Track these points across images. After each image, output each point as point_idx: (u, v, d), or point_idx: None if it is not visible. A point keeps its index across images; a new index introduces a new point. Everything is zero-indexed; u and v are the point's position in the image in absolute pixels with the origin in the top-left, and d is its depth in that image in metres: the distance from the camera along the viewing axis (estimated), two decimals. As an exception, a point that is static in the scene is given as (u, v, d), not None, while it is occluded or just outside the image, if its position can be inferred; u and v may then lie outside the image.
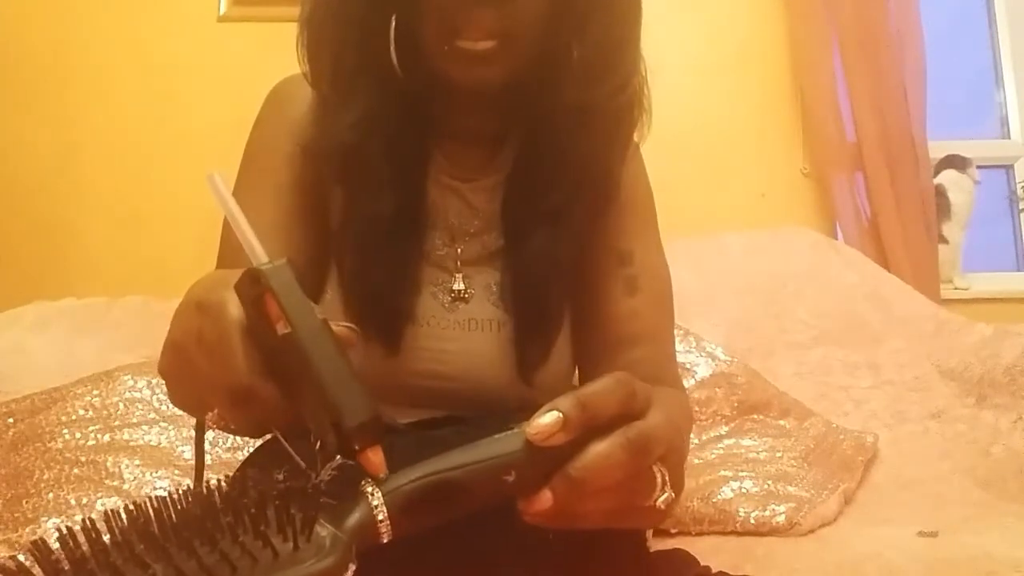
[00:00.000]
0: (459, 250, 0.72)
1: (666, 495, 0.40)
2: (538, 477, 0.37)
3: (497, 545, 0.51)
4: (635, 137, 0.74)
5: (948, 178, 2.00)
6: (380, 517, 0.35)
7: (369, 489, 0.36)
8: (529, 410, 0.39)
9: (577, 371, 0.78)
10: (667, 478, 0.40)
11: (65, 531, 0.31)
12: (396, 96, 0.67)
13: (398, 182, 0.68)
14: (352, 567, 0.34)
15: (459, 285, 0.71)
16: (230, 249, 0.72)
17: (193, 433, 0.61)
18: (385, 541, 0.36)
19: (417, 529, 0.36)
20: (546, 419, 0.37)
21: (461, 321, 0.70)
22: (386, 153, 0.67)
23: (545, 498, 0.37)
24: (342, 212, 0.70)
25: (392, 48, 0.66)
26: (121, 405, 1.14)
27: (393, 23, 0.66)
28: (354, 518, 0.35)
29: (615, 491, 0.38)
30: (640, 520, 0.42)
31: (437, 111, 0.71)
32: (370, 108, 0.66)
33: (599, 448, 0.37)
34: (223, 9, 2.03)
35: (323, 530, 0.34)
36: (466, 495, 0.37)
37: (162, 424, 1.11)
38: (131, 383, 1.16)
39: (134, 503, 0.33)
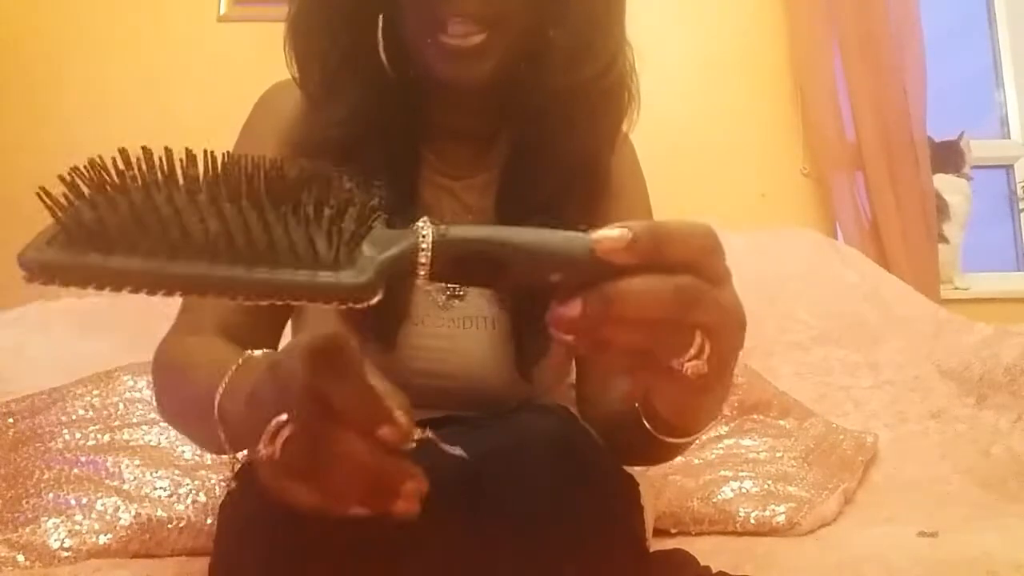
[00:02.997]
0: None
1: (696, 363, 0.37)
2: (582, 286, 0.36)
3: (496, 546, 0.51)
4: (624, 126, 0.74)
5: (941, 183, 2.00)
6: (422, 258, 0.35)
7: (421, 225, 0.35)
8: (528, 406, 0.38)
9: (574, 364, 0.78)
10: (706, 348, 0.37)
11: (118, 153, 0.33)
12: (384, 95, 0.67)
13: (389, 181, 0.68)
14: (380, 294, 0.34)
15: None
16: None
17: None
18: (420, 277, 0.35)
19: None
20: (613, 232, 0.35)
21: (456, 319, 0.70)
22: (376, 152, 0.67)
23: (574, 305, 0.35)
24: None
25: (381, 48, 0.66)
26: (121, 405, 1.13)
27: (380, 21, 0.66)
28: (397, 248, 0.35)
29: (646, 331, 0.36)
30: (662, 384, 0.39)
31: (427, 109, 0.71)
32: (358, 106, 0.67)
33: (647, 279, 0.35)
34: (223, 9, 2.03)
35: (367, 250, 0.34)
36: (509, 271, 0.36)
37: (162, 424, 1.11)
38: (131, 383, 1.16)
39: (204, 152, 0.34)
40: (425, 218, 0.36)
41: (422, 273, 0.35)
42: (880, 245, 1.95)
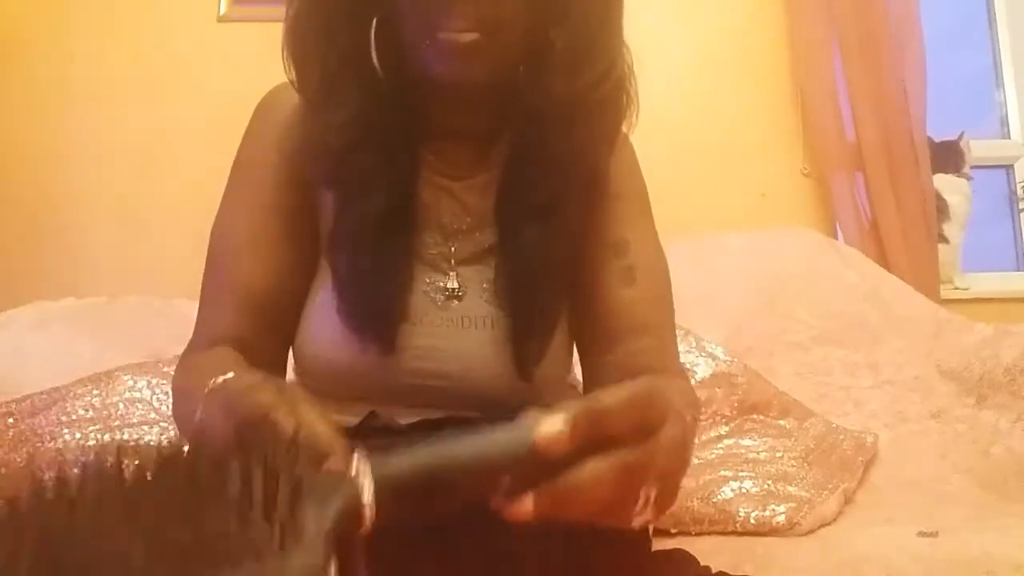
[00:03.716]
0: (452, 248, 0.72)
1: (643, 517, 0.40)
2: (531, 480, 0.36)
3: (498, 547, 0.51)
4: (624, 128, 0.74)
5: (941, 182, 2.00)
6: (367, 506, 0.33)
7: (357, 471, 0.34)
8: (531, 405, 0.39)
9: (578, 359, 0.78)
10: (651, 500, 0.40)
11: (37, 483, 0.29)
12: (382, 97, 0.67)
13: (388, 182, 0.68)
14: (335, 562, 0.32)
15: (452, 283, 0.71)
16: (220, 255, 0.73)
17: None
18: (367, 527, 0.34)
19: (402, 518, 0.35)
20: (553, 429, 0.36)
21: (455, 319, 0.70)
22: (375, 154, 0.68)
23: (526, 505, 0.36)
24: (333, 214, 0.71)
25: (373, 50, 0.66)
26: (121, 405, 1.14)
27: (374, 24, 0.67)
28: (338, 502, 0.33)
29: (596, 505, 0.38)
30: (613, 524, 0.41)
31: (425, 110, 0.71)
32: (356, 111, 0.67)
33: (595, 468, 0.37)
34: (223, 9, 2.03)
35: (310, 513, 0.32)
36: (457, 492, 0.36)
37: (162, 424, 1.11)
38: (131, 383, 1.16)
39: (115, 448, 0.31)
40: (357, 455, 0.35)
41: (368, 519, 0.33)
42: (880, 245, 1.95)
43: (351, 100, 0.67)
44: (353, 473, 0.34)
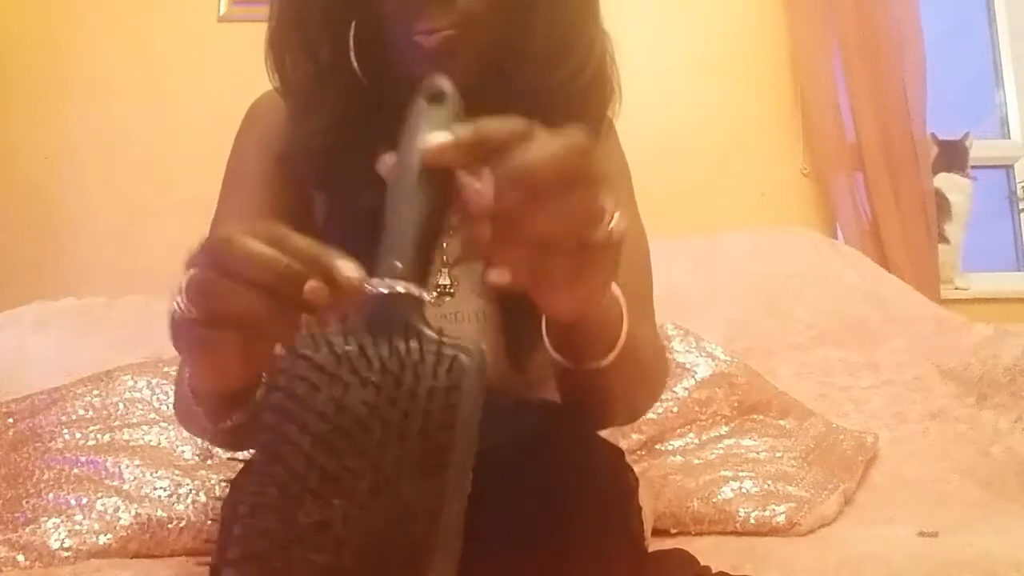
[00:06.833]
0: (444, 244, 0.73)
1: (613, 223, 0.44)
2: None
3: (492, 546, 0.51)
4: (608, 115, 0.75)
5: (944, 181, 2.00)
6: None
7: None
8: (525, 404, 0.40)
9: None
10: (616, 211, 0.44)
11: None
12: (364, 99, 0.68)
13: (376, 181, 0.69)
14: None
15: (444, 280, 0.72)
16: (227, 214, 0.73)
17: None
18: None
19: None
20: (436, 140, 0.44)
21: (447, 314, 0.70)
22: (359, 155, 0.68)
23: (487, 183, 0.41)
24: (324, 214, 0.71)
25: (352, 54, 0.67)
26: (121, 405, 1.14)
27: (352, 29, 0.67)
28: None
29: (556, 206, 0.41)
30: (589, 268, 0.45)
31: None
32: (338, 114, 0.68)
33: (542, 143, 0.42)
34: (223, 9, 2.03)
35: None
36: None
37: (162, 424, 1.11)
38: (131, 383, 1.16)
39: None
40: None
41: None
42: (880, 245, 1.95)
43: (332, 105, 0.68)
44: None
